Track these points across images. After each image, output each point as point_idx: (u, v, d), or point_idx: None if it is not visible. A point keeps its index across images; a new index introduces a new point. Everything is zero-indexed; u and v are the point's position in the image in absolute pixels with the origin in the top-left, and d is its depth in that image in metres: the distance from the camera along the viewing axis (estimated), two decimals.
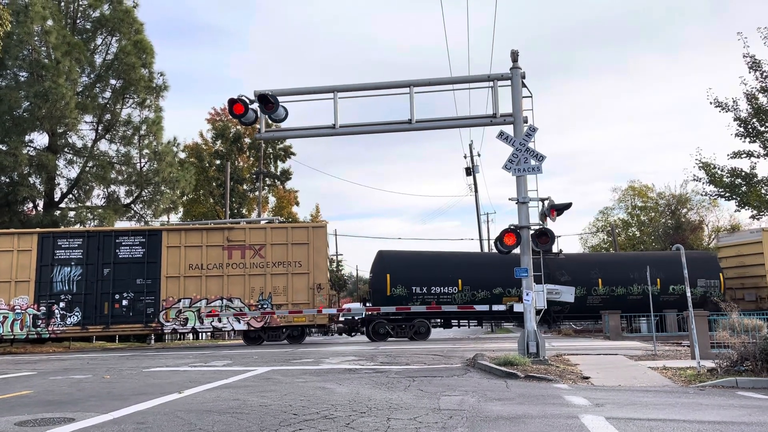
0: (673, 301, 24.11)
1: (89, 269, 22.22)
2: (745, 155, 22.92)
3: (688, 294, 12.20)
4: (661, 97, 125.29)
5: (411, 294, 23.73)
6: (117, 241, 22.48)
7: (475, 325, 29.25)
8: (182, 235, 22.75)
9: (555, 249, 25.32)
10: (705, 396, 8.56)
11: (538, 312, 24.27)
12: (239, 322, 22.25)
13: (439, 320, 25.54)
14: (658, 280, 24.16)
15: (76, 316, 22.08)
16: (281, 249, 22.72)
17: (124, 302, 22.23)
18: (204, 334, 34.01)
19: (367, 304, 24.42)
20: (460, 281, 23.98)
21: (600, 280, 24.51)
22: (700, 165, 24.07)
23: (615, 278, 24.66)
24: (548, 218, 13.45)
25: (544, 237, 12.94)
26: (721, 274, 24.97)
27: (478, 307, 23.68)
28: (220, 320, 22.22)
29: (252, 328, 22.33)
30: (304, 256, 22.72)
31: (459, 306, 23.79)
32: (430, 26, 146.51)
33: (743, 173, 23.13)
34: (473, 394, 8.39)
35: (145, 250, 22.47)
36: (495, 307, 23.53)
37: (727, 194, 23.89)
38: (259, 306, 22.25)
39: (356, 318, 25.07)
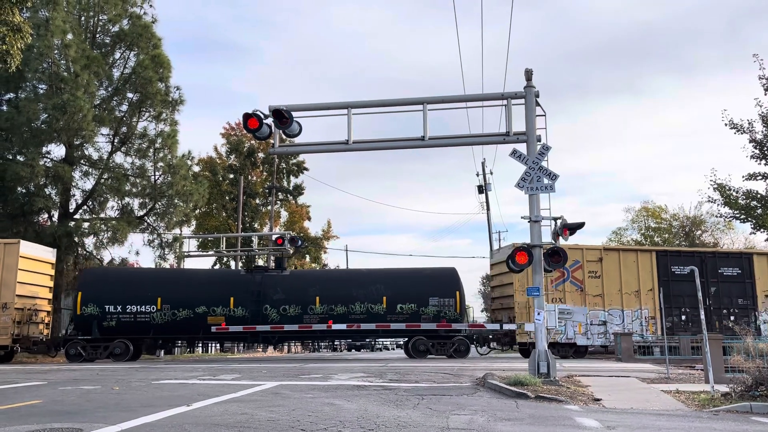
0: (402, 320, 22.92)
1: None
2: (760, 177, 22.79)
3: (702, 317, 12.03)
4: (675, 118, 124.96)
5: (104, 313, 22.41)
6: None
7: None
8: None
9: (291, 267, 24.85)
10: (719, 421, 8.42)
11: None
12: None
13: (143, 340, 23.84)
14: (384, 298, 23.05)
15: None
16: None
17: None
18: (212, 347, 34.04)
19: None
20: (159, 300, 22.70)
21: (318, 298, 23.08)
22: (715, 186, 23.96)
23: (335, 296, 23.27)
24: (561, 237, 13.38)
25: (557, 256, 12.86)
26: (458, 292, 23.38)
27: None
28: None
29: None
30: None
31: (158, 326, 22.50)
32: (445, 45, 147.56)
33: (759, 195, 22.97)
34: (483, 414, 8.30)
35: None
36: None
37: (743, 216, 23.74)
38: None
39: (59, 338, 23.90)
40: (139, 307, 22.69)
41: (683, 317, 24.24)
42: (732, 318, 24.35)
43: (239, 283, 23.88)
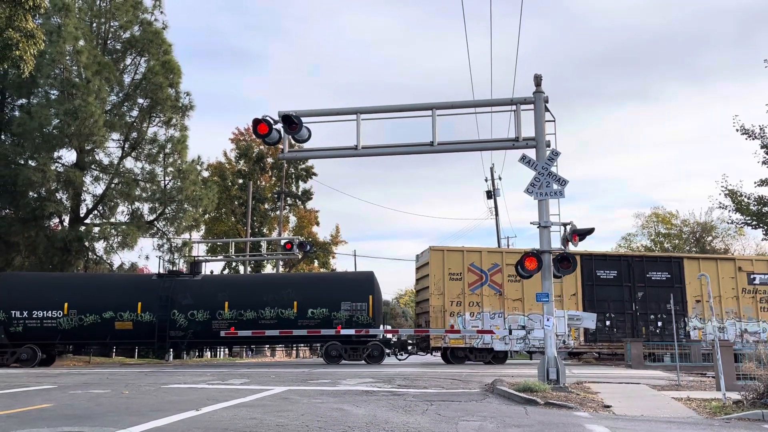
0: (314, 325, 22.72)
1: None
2: None
3: (716, 325, 11.97)
4: (686, 124, 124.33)
5: (11, 318, 22.35)
6: None
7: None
8: None
9: (209, 271, 24.34)
10: (730, 428, 8.35)
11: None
12: None
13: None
14: (295, 303, 22.82)
15: None
16: None
17: None
18: (222, 351, 34.12)
19: None
20: (66, 305, 22.57)
21: (226, 303, 22.89)
22: (726, 192, 23.86)
23: (245, 301, 23.10)
24: (570, 243, 13.34)
25: (566, 262, 12.81)
26: (371, 297, 22.98)
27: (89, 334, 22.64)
28: None
29: None
30: None
31: (66, 332, 22.48)
32: (453, 52, 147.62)
33: None
34: (492, 420, 8.27)
35: None
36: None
37: (754, 222, 23.61)
38: None
39: None
40: (45, 312, 22.60)
41: (608, 322, 23.83)
42: (660, 324, 23.82)
43: (148, 288, 23.68)
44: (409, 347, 24.28)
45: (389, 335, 24.36)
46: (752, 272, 24.30)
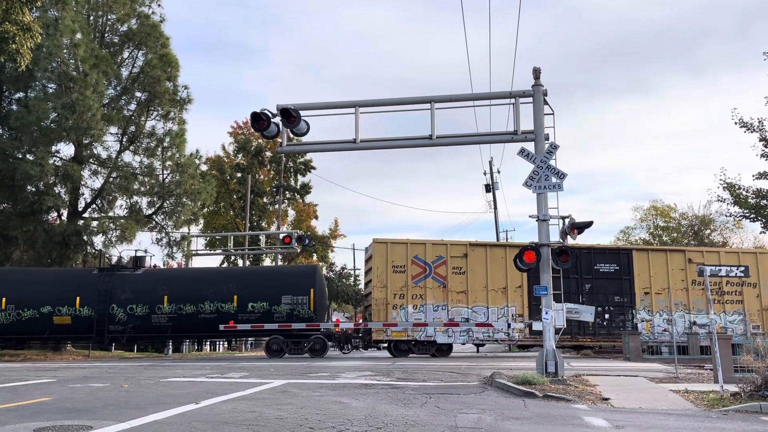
0: (254, 319, 22.61)
1: None
2: None
3: (713, 318, 11.99)
4: (685, 117, 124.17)
5: None
6: None
7: None
8: None
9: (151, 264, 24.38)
10: (728, 421, 8.38)
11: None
12: None
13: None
14: (235, 297, 22.72)
15: None
16: None
17: None
18: (221, 345, 34.18)
19: None
20: (3, 300, 22.66)
21: (166, 297, 22.79)
22: (725, 186, 23.88)
23: (184, 295, 23.03)
24: (569, 236, 13.34)
25: (565, 255, 12.83)
26: (312, 290, 22.93)
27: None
28: None
29: None
30: None
31: (4, 327, 22.51)
32: (452, 45, 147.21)
33: None
34: (491, 413, 8.30)
35: None
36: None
37: (752, 216, 23.64)
38: None
39: None
40: None
41: None
42: (607, 317, 23.53)
43: (87, 282, 23.59)
44: (354, 340, 23.90)
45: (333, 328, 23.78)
46: (702, 264, 24.17)
